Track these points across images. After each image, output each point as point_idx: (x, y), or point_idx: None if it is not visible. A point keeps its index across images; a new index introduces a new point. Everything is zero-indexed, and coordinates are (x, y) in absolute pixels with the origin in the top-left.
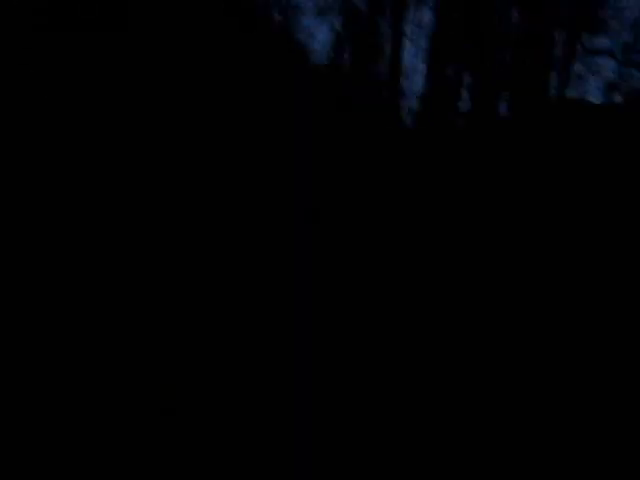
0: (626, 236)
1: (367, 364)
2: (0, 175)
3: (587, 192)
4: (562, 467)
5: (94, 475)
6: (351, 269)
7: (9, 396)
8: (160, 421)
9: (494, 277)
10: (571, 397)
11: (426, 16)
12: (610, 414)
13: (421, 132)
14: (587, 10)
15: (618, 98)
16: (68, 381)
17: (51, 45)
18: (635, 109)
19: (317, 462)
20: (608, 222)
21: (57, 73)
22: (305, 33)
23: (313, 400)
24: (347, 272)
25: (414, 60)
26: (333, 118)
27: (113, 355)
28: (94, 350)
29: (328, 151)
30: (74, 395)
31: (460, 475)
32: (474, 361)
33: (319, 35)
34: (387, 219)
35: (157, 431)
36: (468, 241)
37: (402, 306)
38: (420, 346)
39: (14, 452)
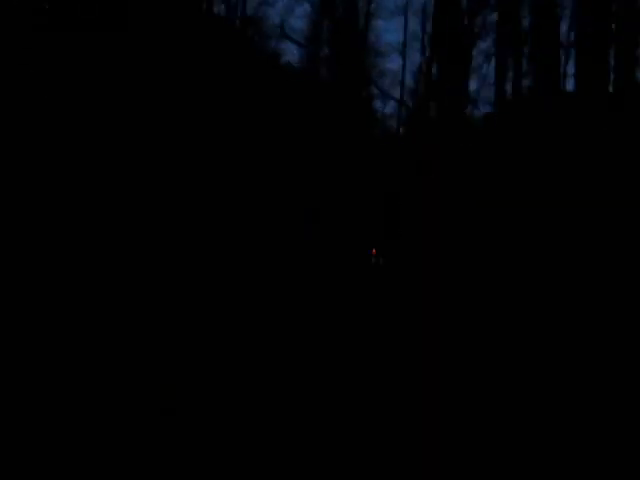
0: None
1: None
2: (1, 174)
3: None
4: (562, 467)
5: (94, 475)
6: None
7: (9, 396)
8: (160, 421)
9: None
10: (570, 397)
11: None
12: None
13: None
14: None
15: None
16: (68, 380)
17: (51, 45)
18: None
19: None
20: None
21: (56, 73)
22: None
23: (313, 398)
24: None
25: None
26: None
27: (113, 355)
28: (94, 350)
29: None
30: (74, 394)
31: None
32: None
33: None
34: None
35: (157, 431)
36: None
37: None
38: (408, 343)
39: (13, 452)
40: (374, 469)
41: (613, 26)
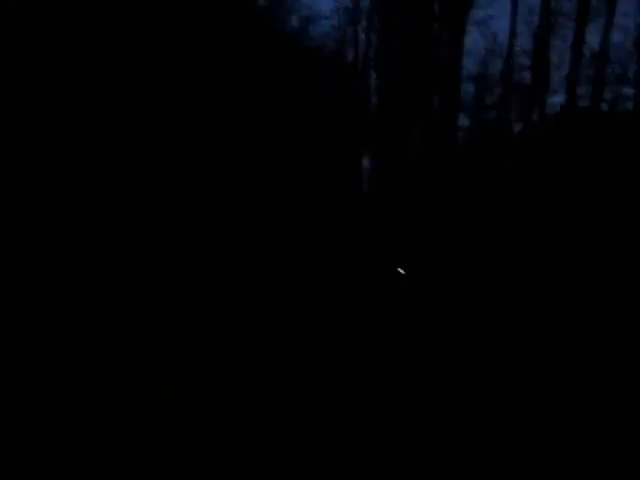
0: None
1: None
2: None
3: None
4: (562, 467)
5: (94, 475)
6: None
7: (10, 396)
8: (160, 421)
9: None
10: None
11: None
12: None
13: None
14: None
15: None
16: (69, 381)
17: (48, 45)
18: None
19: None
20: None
21: (54, 73)
22: None
23: (314, 398)
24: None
25: None
26: None
27: (114, 355)
28: (95, 350)
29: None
30: (75, 394)
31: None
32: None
33: None
34: None
35: (157, 431)
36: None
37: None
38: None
39: (15, 451)
40: (374, 468)
41: None
